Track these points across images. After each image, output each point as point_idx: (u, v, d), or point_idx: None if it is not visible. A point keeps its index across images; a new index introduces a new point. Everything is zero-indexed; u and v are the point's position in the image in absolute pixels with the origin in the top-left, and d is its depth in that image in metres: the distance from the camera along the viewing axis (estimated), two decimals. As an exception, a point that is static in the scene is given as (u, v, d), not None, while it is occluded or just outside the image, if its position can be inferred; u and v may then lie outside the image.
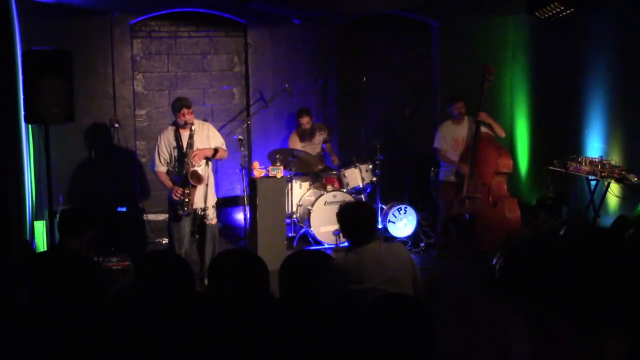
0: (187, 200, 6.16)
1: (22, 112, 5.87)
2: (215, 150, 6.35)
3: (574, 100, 7.76)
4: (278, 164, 7.41)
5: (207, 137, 6.38)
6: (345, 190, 7.80)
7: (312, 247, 7.56)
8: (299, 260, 3.33)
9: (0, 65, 4.41)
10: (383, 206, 8.08)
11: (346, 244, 5.80)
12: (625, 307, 1.13)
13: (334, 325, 2.92)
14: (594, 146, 7.34)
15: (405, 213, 7.98)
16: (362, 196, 8.01)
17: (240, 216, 8.23)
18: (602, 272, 1.15)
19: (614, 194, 6.62)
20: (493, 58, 8.91)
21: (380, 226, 7.85)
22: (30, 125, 6.66)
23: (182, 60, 8.64)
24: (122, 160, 8.20)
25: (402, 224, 7.98)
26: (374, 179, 7.99)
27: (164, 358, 2.68)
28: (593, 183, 6.74)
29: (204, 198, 6.31)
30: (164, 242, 7.88)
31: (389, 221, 7.89)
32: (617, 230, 5.19)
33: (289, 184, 7.68)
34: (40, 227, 6.71)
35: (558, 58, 8.16)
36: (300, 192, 7.90)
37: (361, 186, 7.92)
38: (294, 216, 7.83)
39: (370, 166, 7.97)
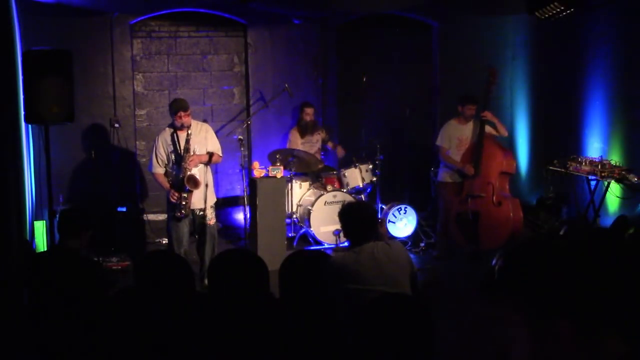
0: (184, 203, 6.17)
1: (22, 112, 5.87)
2: (210, 155, 6.36)
3: (574, 100, 7.76)
4: (278, 164, 7.41)
5: (204, 138, 6.39)
6: (345, 190, 7.80)
7: (312, 247, 7.56)
8: (299, 260, 3.33)
9: (0, 65, 4.40)
10: (383, 206, 8.08)
11: (346, 243, 5.80)
12: (625, 307, 1.13)
13: (333, 325, 2.92)
14: (594, 146, 7.34)
15: (405, 213, 7.98)
16: (362, 196, 8.01)
17: (240, 216, 8.22)
18: (602, 272, 1.16)
19: (614, 194, 6.62)
20: (493, 58, 8.91)
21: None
22: (30, 125, 6.65)
23: (182, 60, 8.64)
24: (122, 160, 8.20)
25: (402, 224, 7.98)
26: (374, 179, 7.99)
27: (164, 358, 2.68)
28: (593, 183, 6.74)
29: (204, 199, 6.31)
30: (164, 242, 7.88)
31: (389, 221, 7.88)
32: (617, 230, 5.20)
33: (289, 184, 7.68)
34: (40, 227, 6.71)
35: (558, 58, 8.16)
36: (300, 192, 7.90)
37: (361, 186, 7.92)
38: (294, 216, 7.83)
39: (370, 166, 7.97)
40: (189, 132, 6.20)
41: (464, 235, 7.18)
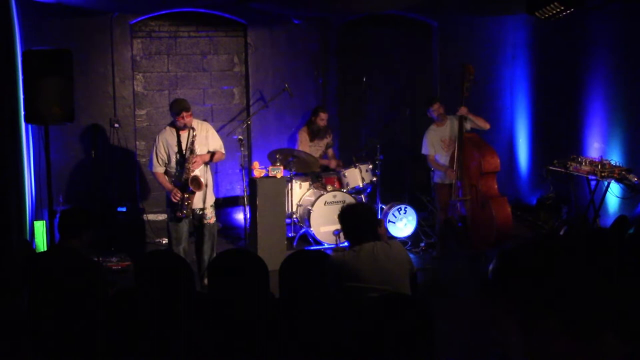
0: (186, 204, 6.18)
1: (22, 112, 5.87)
2: (212, 154, 6.36)
3: (574, 100, 7.76)
4: (278, 164, 7.41)
5: (205, 137, 6.38)
6: (345, 190, 7.80)
7: (312, 247, 7.56)
8: (299, 260, 3.34)
9: (0, 65, 4.41)
10: (383, 206, 8.08)
11: (346, 243, 5.80)
12: (625, 307, 1.13)
13: (333, 325, 2.92)
14: (594, 146, 7.34)
15: (405, 213, 7.98)
16: (362, 196, 8.01)
17: (240, 216, 8.22)
18: (602, 272, 1.16)
19: (614, 194, 6.63)
20: (493, 58, 8.92)
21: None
22: (30, 125, 6.66)
23: (182, 60, 8.64)
24: (122, 160, 8.20)
25: (402, 224, 7.98)
26: (374, 179, 7.99)
27: (164, 358, 2.68)
28: (593, 183, 6.74)
29: (203, 199, 6.32)
30: (164, 242, 7.88)
31: (389, 221, 7.88)
32: (617, 230, 5.20)
33: (289, 184, 7.68)
34: (40, 227, 6.71)
35: (558, 58, 8.16)
36: (300, 192, 7.90)
37: (361, 186, 7.92)
38: (294, 216, 7.83)
39: (370, 166, 7.97)
40: (194, 133, 6.19)
41: (457, 239, 7.15)
